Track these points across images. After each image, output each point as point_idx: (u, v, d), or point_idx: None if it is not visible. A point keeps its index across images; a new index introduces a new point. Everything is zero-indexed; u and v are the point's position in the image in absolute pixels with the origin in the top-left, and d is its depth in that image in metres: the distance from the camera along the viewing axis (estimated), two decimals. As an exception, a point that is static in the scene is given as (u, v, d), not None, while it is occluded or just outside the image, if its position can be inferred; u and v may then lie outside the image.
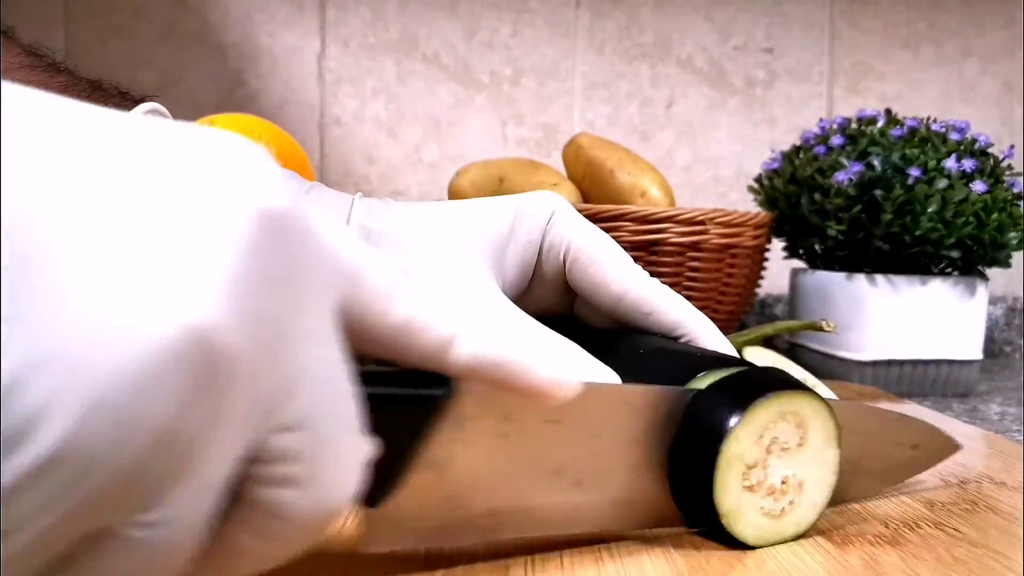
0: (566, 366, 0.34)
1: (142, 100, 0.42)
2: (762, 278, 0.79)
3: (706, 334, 0.40)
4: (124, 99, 0.42)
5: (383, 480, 0.26)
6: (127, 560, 0.18)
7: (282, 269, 0.20)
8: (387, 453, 0.25)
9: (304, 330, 0.20)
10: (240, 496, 0.21)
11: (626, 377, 0.35)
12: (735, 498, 0.30)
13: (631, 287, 0.40)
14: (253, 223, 0.19)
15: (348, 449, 0.22)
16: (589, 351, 0.36)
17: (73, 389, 0.16)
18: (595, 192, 0.77)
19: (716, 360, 0.35)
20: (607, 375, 0.35)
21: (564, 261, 0.41)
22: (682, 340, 0.40)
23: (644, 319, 0.40)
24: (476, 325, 0.26)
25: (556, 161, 0.92)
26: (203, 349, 0.17)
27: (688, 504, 0.32)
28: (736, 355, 0.38)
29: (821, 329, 0.59)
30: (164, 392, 0.17)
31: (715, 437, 0.30)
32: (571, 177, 0.81)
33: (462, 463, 0.28)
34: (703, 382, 0.32)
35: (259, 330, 0.19)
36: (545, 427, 0.29)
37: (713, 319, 0.73)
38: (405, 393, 0.26)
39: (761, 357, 0.58)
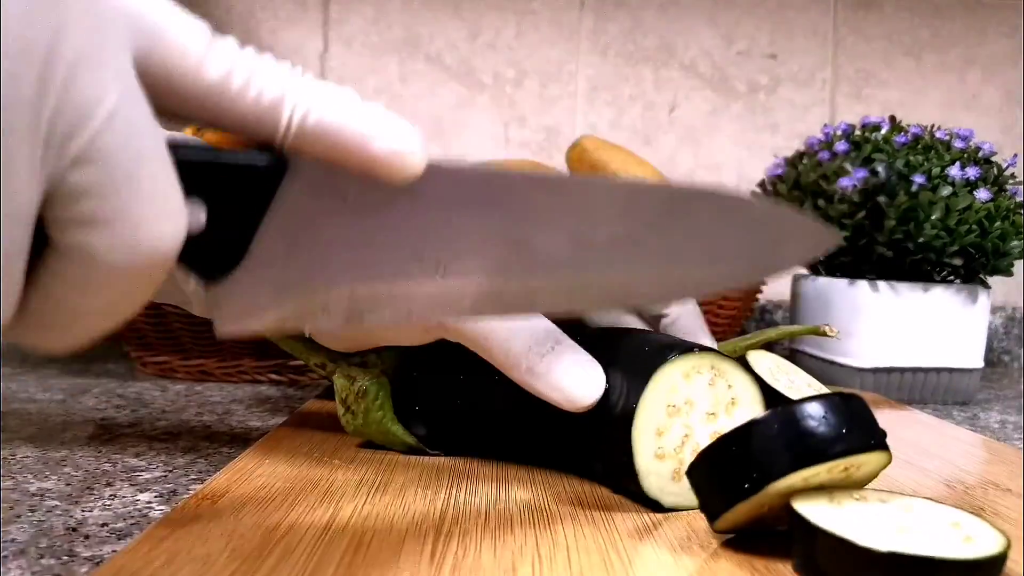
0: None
1: None
2: (763, 283, 0.79)
3: None
4: None
5: (221, 254, 0.26)
6: None
7: None
8: (221, 226, 0.25)
9: (85, 60, 0.20)
10: (52, 246, 0.21)
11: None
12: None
13: None
14: None
15: (154, 188, 0.22)
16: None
17: None
18: (598, 194, 0.77)
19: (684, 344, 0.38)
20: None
21: None
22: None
23: None
24: (310, 87, 0.25)
25: (558, 163, 0.92)
26: None
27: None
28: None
29: (824, 335, 0.59)
30: None
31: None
32: (574, 179, 0.81)
33: (306, 243, 0.27)
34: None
35: (25, 44, 0.19)
36: (393, 209, 0.28)
37: (714, 324, 0.73)
38: (233, 161, 0.25)
39: (764, 361, 0.58)
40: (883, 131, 0.77)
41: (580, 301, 0.33)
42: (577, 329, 0.40)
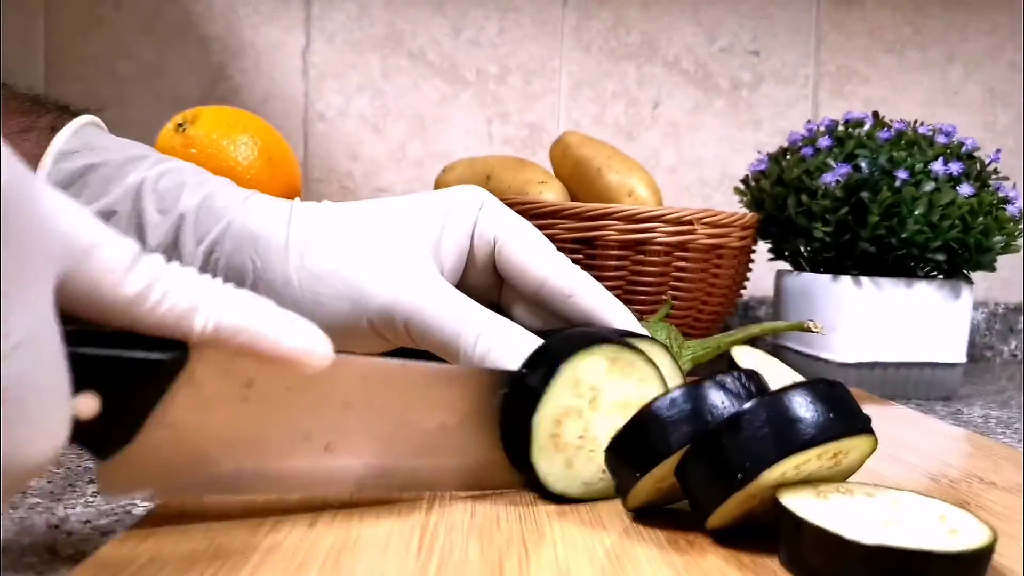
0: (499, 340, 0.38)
1: (81, 113, 0.44)
2: (747, 280, 0.79)
3: (622, 320, 0.43)
4: (64, 112, 0.44)
5: (113, 435, 0.29)
6: None
7: None
8: (117, 410, 0.28)
9: (4, 295, 0.22)
10: None
11: None
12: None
13: (553, 271, 0.43)
14: None
15: (39, 414, 0.23)
16: None
17: None
18: (582, 191, 0.77)
19: (614, 333, 0.39)
20: (533, 343, 0.39)
21: (493, 248, 0.44)
22: (598, 324, 0.43)
23: (565, 301, 0.43)
24: (221, 296, 0.28)
25: (541, 160, 0.92)
26: None
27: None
28: (640, 331, 0.42)
29: (808, 330, 0.59)
30: None
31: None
32: (558, 175, 0.81)
33: (200, 424, 0.30)
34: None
35: None
36: (290, 394, 0.32)
37: (698, 319, 0.74)
38: (136, 356, 0.28)
39: (749, 357, 0.58)
40: (866, 127, 0.77)
41: (462, 481, 0.36)
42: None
